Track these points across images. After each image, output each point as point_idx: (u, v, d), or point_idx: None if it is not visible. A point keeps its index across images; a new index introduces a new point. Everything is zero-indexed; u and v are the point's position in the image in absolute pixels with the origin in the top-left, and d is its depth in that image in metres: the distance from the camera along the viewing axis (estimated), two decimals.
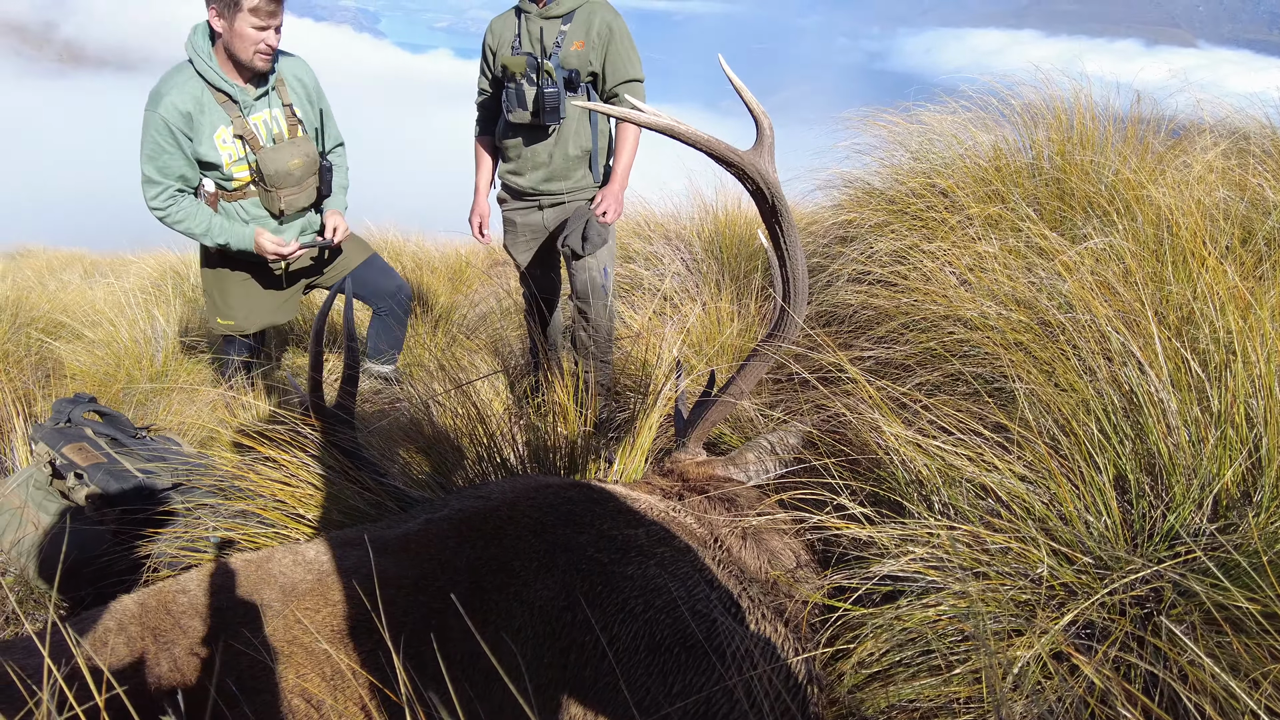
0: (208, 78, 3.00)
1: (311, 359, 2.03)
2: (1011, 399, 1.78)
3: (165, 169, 2.97)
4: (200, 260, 3.47)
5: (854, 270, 3.01)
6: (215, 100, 3.03)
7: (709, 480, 1.88)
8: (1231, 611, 1.24)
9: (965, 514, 1.55)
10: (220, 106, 3.04)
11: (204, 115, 3.01)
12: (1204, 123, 3.54)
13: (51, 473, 2.40)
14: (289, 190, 3.24)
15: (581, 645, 1.30)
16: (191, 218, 3.05)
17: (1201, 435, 1.50)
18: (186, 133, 2.98)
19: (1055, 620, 1.34)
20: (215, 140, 3.05)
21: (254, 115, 3.12)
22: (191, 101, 2.98)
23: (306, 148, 3.25)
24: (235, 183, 3.15)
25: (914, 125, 3.71)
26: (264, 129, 3.16)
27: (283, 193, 3.21)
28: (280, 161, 3.16)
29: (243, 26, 2.89)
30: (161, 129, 2.94)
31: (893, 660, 1.43)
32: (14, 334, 4.50)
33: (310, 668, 1.27)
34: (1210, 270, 1.90)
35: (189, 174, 3.05)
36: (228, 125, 3.06)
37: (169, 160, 2.97)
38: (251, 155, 3.13)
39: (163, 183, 2.98)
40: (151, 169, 2.96)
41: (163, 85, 2.99)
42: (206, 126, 3.01)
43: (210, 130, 3.02)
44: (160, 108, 2.93)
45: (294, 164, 3.19)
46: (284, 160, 3.16)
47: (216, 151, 3.06)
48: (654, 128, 1.72)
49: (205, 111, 3.01)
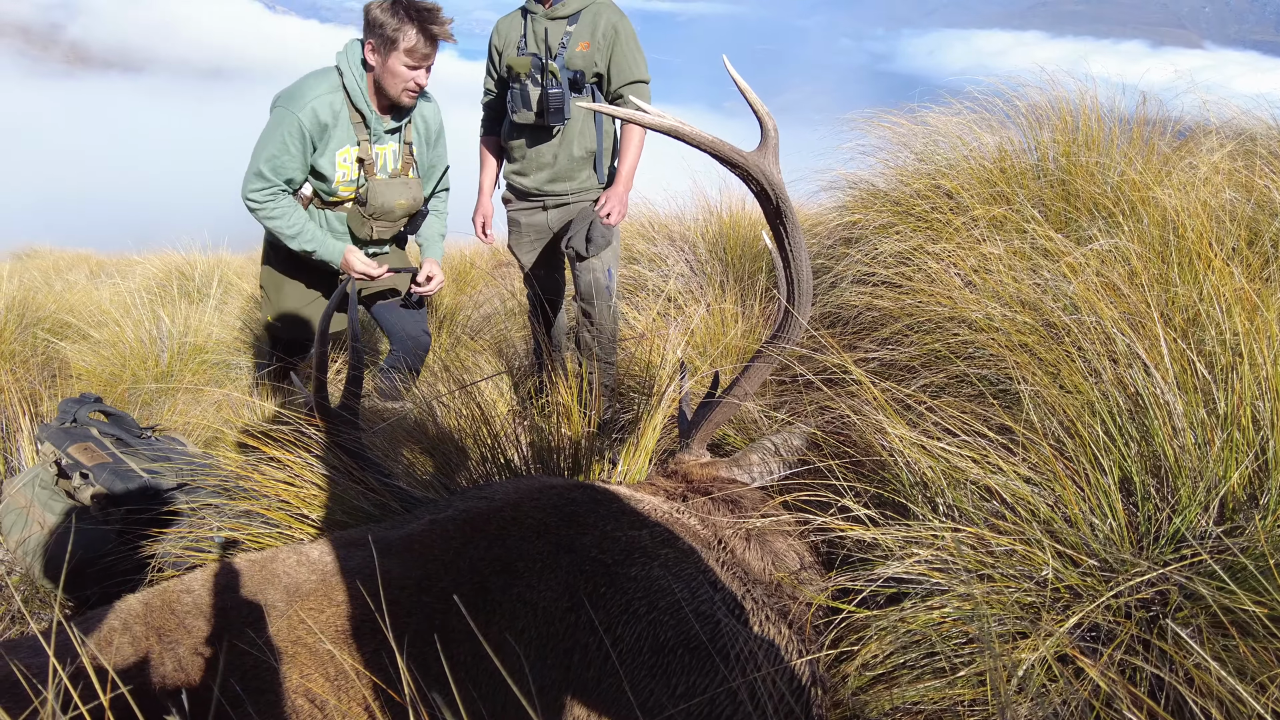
0: (352, 95, 2.97)
1: (316, 360, 2.03)
2: (1016, 401, 1.78)
3: (279, 169, 2.92)
4: (262, 257, 3.41)
5: (858, 271, 3.00)
6: (350, 119, 3.01)
7: (713, 482, 1.87)
8: (1238, 615, 1.23)
9: (970, 516, 1.55)
10: (352, 126, 3.02)
11: (336, 129, 2.97)
12: (1210, 124, 3.53)
13: (57, 472, 2.41)
14: (382, 223, 3.21)
15: (585, 647, 1.30)
16: (286, 217, 2.99)
17: (1208, 437, 1.49)
18: (315, 142, 2.94)
19: (1060, 623, 1.34)
20: (337, 157, 3.01)
21: (379, 145, 3.10)
22: (330, 113, 2.95)
23: (415, 192, 3.22)
24: (334, 198, 3.12)
25: (919, 126, 3.71)
26: (382, 159, 3.14)
27: (376, 223, 3.19)
28: (389, 197, 3.13)
29: (396, 64, 2.87)
30: (294, 131, 2.89)
31: (897, 662, 1.43)
32: (20, 334, 4.52)
33: (314, 668, 1.27)
34: (1216, 272, 1.89)
35: (298, 179, 3.01)
36: (354, 146, 3.03)
37: (287, 162, 2.92)
38: (363, 180, 3.10)
39: (271, 181, 2.93)
40: (266, 165, 2.90)
41: (307, 88, 2.94)
42: (334, 141, 2.98)
43: (336, 146, 2.99)
44: (301, 110, 2.88)
45: (399, 203, 3.17)
46: (393, 197, 3.14)
47: (334, 168, 3.02)
48: (658, 129, 1.72)
49: (338, 126, 2.98)
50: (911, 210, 3.13)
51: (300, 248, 3.06)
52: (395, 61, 2.86)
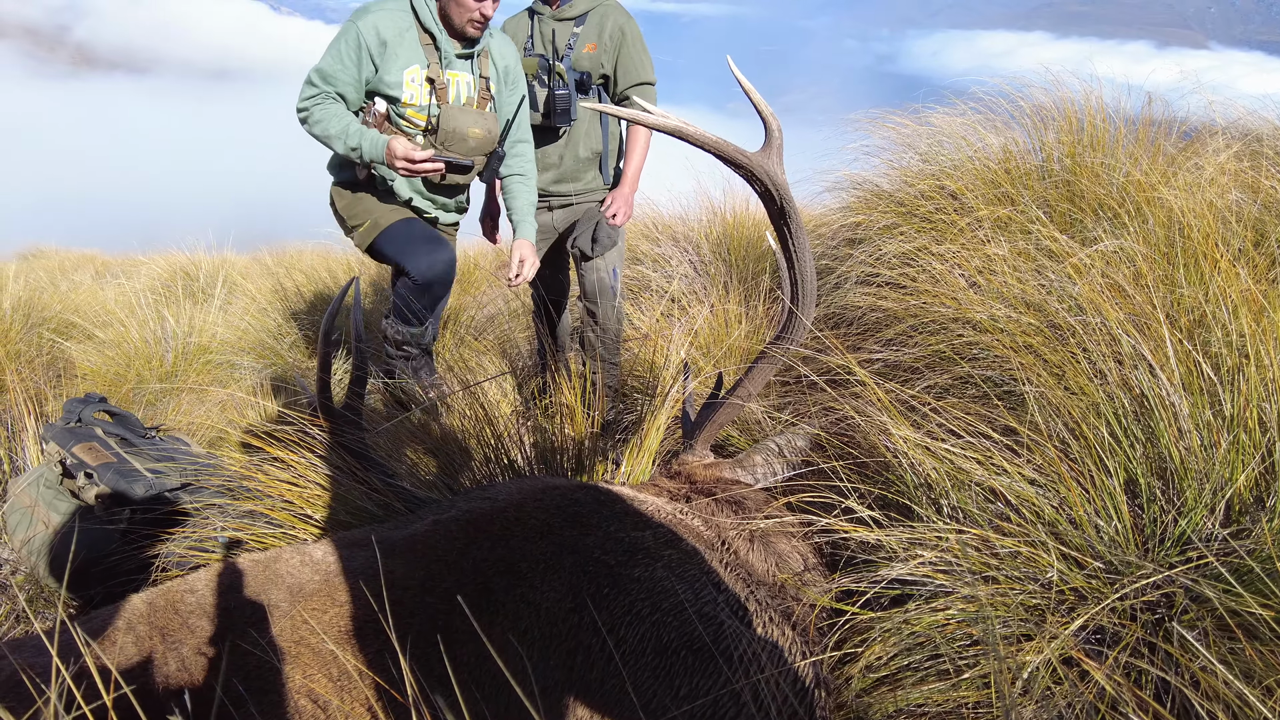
0: (420, 14, 2.86)
1: (319, 359, 2.03)
2: (1021, 402, 1.77)
3: (330, 78, 2.81)
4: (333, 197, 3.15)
5: (862, 272, 3.00)
6: (419, 39, 2.88)
7: (716, 482, 1.87)
8: (1245, 617, 1.23)
9: (974, 518, 1.54)
10: (422, 47, 2.88)
11: (402, 46, 2.84)
12: (1216, 125, 3.51)
13: (62, 472, 2.42)
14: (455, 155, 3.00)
15: (588, 648, 1.30)
16: (330, 119, 2.83)
17: (1214, 439, 1.49)
18: (374, 58, 2.82)
19: (1065, 625, 1.33)
20: (405, 75, 2.87)
21: (450, 70, 2.93)
22: (394, 30, 2.83)
23: (490, 123, 3.01)
24: (405, 124, 2.96)
25: (923, 127, 3.70)
26: (455, 87, 2.97)
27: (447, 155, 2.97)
28: (461, 123, 2.94)
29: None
30: (352, 42, 2.79)
31: (901, 664, 1.42)
32: (26, 334, 4.53)
33: (317, 668, 1.27)
34: (1223, 273, 1.89)
35: (351, 96, 2.87)
36: (423, 67, 2.89)
37: (339, 74, 2.81)
38: (435, 107, 2.93)
39: (320, 88, 2.82)
40: (316, 73, 2.81)
41: (374, 2, 2.86)
42: (401, 57, 2.85)
43: (404, 63, 2.86)
44: (361, 22, 2.80)
45: (473, 131, 2.96)
46: (465, 124, 2.94)
47: (402, 86, 2.88)
48: (663, 129, 1.72)
49: (404, 44, 2.85)
50: (916, 211, 3.13)
51: (347, 146, 2.86)
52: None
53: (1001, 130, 3.47)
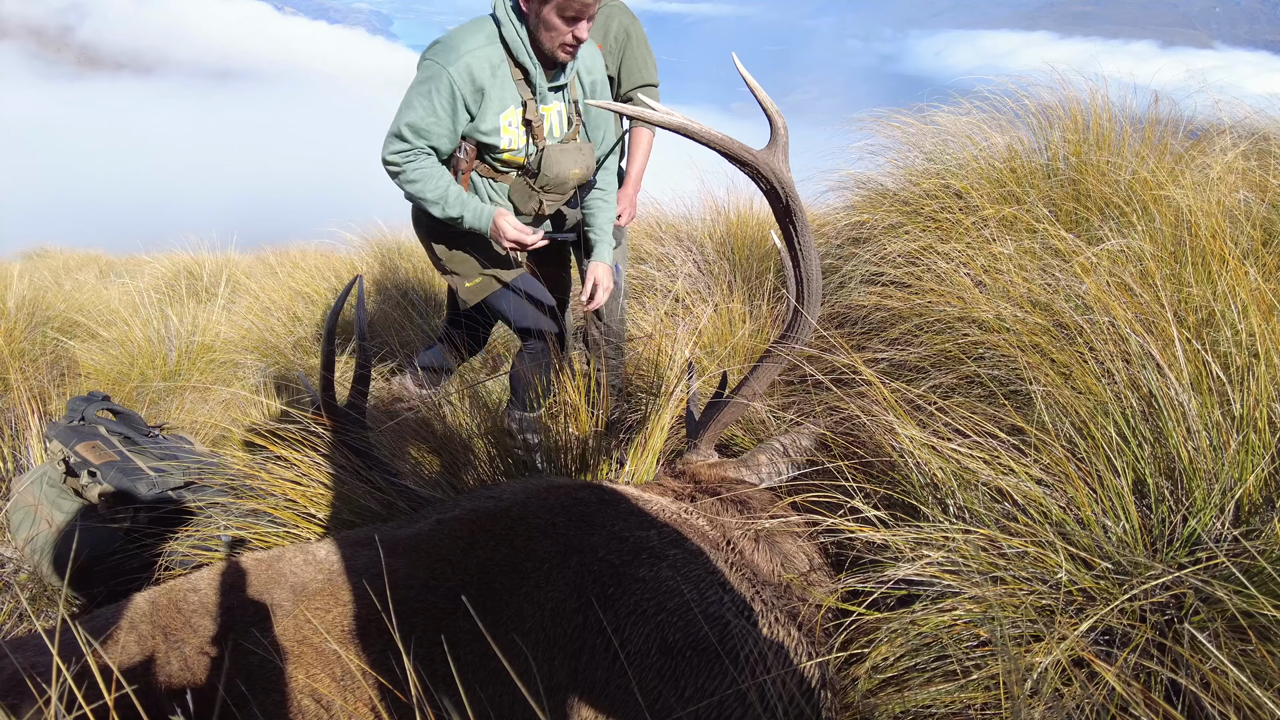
0: (511, 47, 2.54)
1: (323, 358, 2.03)
2: (1028, 401, 1.76)
3: (423, 133, 2.51)
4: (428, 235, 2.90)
5: (867, 271, 2.99)
6: (512, 75, 2.57)
7: (721, 482, 1.86)
8: (1257, 619, 1.22)
9: (981, 518, 1.53)
10: (515, 84, 2.58)
11: (495, 88, 2.54)
12: (1223, 124, 3.50)
13: (65, 470, 2.41)
14: (552, 196, 2.78)
15: (593, 647, 1.29)
16: (427, 180, 2.55)
17: (1223, 439, 1.48)
18: (470, 106, 2.52)
19: (1074, 626, 1.32)
20: (501, 121, 2.58)
21: (544, 105, 2.65)
22: (488, 71, 2.51)
23: (589, 159, 2.77)
24: (500, 167, 2.70)
25: (928, 126, 3.69)
26: (549, 122, 2.68)
27: (546, 196, 2.76)
28: (563, 166, 2.68)
29: (551, 16, 2.45)
30: (445, 92, 2.46)
31: (907, 665, 1.41)
32: (30, 333, 4.54)
33: (320, 668, 1.26)
34: (1231, 271, 1.87)
35: (444, 148, 2.58)
36: (518, 107, 2.59)
37: (433, 127, 2.51)
38: (532, 148, 2.66)
39: (412, 144, 2.52)
40: (408, 127, 2.49)
41: (461, 40, 2.51)
42: (495, 102, 2.55)
43: (499, 107, 2.56)
44: (453, 68, 2.46)
45: (574, 174, 2.72)
46: (567, 166, 2.69)
47: (499, 133, 2.58)
48: (668, 126, 1.72)
49: (499, 84, 2.55)
50: (920, 210, 3.12)
51: (445, 214, 2.60)
52: (550, 12, 2.44)
53: (1007, 129, 3.46)
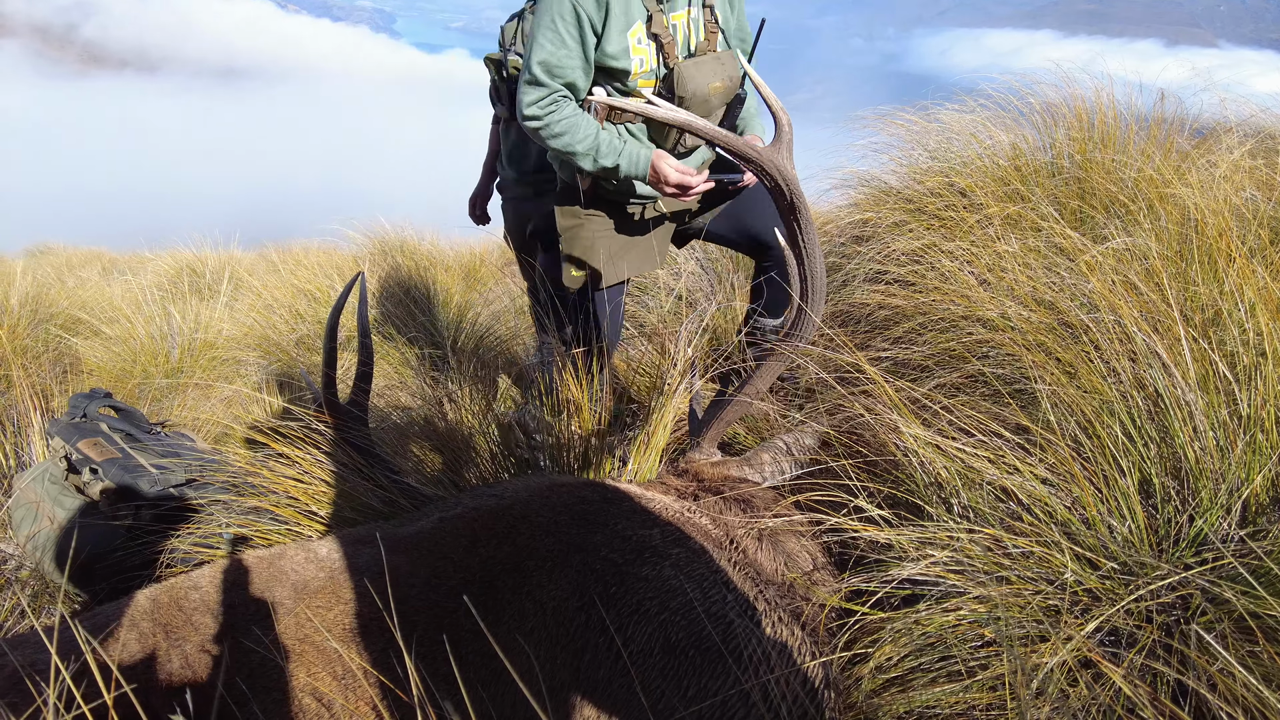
0: None
1: (325, 355, 2.02)
2: (1033, 400, 1.75)
3: (557, 68, 2.23)
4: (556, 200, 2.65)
5: (871, 269, 2.98)
6: None
7: (724, 481, 1.85)
8: (1264, 619, 1.21)
9: (986, 517, 1.52)
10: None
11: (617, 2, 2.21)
12: (1229, 122, 3.48)
13: (67, 467, 2.41)
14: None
15: (595, 646, 1.29)
16: (574, 130, 2.27)
17: (1230, 439, 1.47)
18: (596, 25, 2.21)
19: (1080, 626, 1.31)
20: (629, 39, 2.25)
21: (674, 13, 2.30)
22: None
23: (731, 68, 2.37)
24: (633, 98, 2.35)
25: (932, 124, 3.68)
26: (682, 33, 2.33)
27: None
28: (700, 81, 2.30)
29: None
30: (569, 15, 2.18)
31: (911, 665, 1.41)
32: (33, 330, 4.54)
33: (321, 666, 1.26)
34: (1238, 270, 1.86)
35: (580, 82, 2.29)
36: (644, 20, 2.25)
37: (566, 58, 2.22)
38: (663, 67, 2.32)
39: (549, 85, 2.24)
40: (540, 67, 2.22)
41: None
42: (620, 18, 2.22)
43: (624, 24, 2.23)
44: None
45: (714, 86, 2.33)
46: (704, 80, 2.31)
47: (628, 54, 2.26)
48: (673, 123, 1.71)
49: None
50: (925, 208, 3.11)
51: (599, 166, 2.33)
52: None
53: (1011, 127, 3.45)
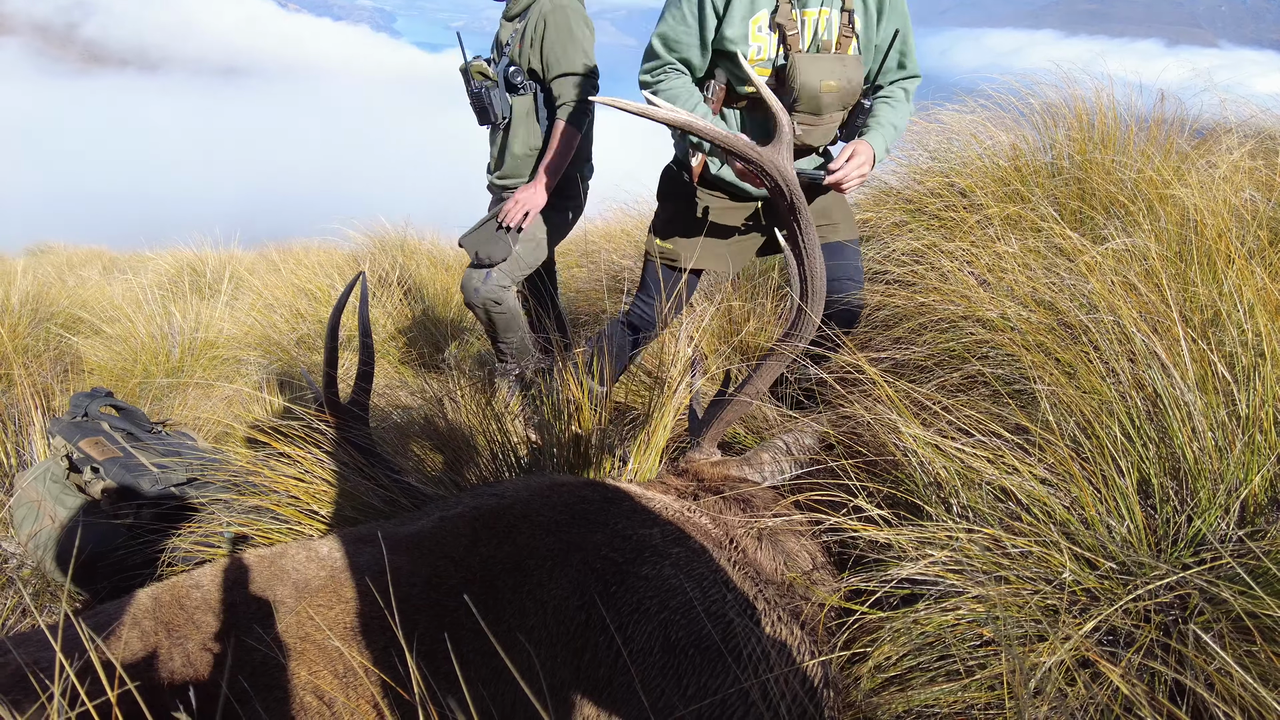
0: None
1: (326, 354, 2.03)
2: (1032, 400, 1.75)
3: (674, 43, 2.33)
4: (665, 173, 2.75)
5: (871, 269, 2.98)
6: None
7: (724, 480, 1.86)
8: (1262, 619, 1.21)
9: (985, 517, 1.53)
10: None
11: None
12: (1229, 123, 3.48)
13: (68, 466, 2.42)
14: (805, 117, 2.36)
15: (595, 645, 1.29)
16: (677, 100, 2.34)
17: (1228, 439, 1.47)
18: (719, 9, 2.26)
19: (1078, 626, 1.32)
20: (751, 26, 2.27)
21: (805, 9, 2.28)
22: None
23: (851, 72, 2.32)
24: (745, 87, 2.38)
25: (932, 124, 3.68)
26: (810, 29, 2.31)
27: (796, 117, 2.35)
28: (813, 76, 2.26)
29: None
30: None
31: (910, 665, 1.41)
32: (34, 329, 4.55)
33: (322, 665, 1.26)
34: (1238, 271, 1.86)
35: (695, 60, 2.35)
36: (769, 10, 2.26)
37: (683, 35, 2.30)
38: (781, 58, 2.30)
39: (663, 58, 2.35)
40: (658, 39, 2.34)
41: None
42: (744, 5, 2.25)
43: (748, 11, 2.26)
44: None
45: (828, 85, 2.29)
46: (817, 75, 2.26)
47: (746, 40, 2.28)
48: (673, 124, 1.71)
49: None
50: (925, 208, 3.11)
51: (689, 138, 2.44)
52: None
53: (1011, 128, 3.45)
